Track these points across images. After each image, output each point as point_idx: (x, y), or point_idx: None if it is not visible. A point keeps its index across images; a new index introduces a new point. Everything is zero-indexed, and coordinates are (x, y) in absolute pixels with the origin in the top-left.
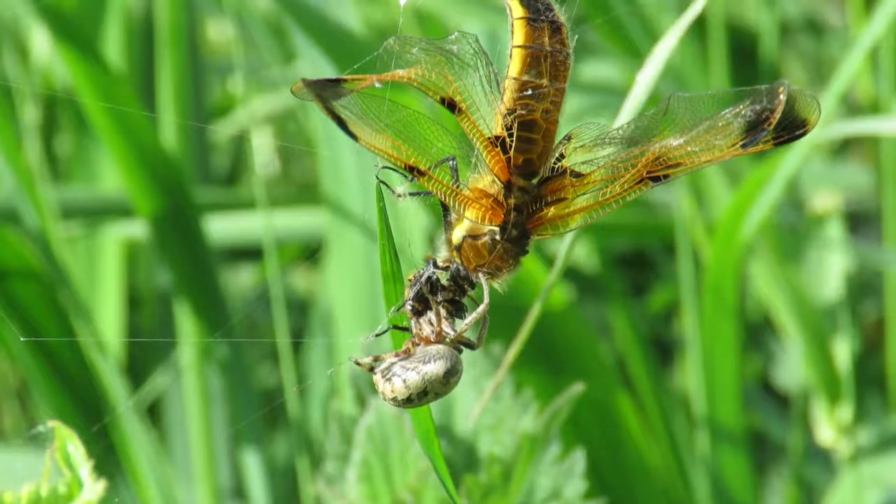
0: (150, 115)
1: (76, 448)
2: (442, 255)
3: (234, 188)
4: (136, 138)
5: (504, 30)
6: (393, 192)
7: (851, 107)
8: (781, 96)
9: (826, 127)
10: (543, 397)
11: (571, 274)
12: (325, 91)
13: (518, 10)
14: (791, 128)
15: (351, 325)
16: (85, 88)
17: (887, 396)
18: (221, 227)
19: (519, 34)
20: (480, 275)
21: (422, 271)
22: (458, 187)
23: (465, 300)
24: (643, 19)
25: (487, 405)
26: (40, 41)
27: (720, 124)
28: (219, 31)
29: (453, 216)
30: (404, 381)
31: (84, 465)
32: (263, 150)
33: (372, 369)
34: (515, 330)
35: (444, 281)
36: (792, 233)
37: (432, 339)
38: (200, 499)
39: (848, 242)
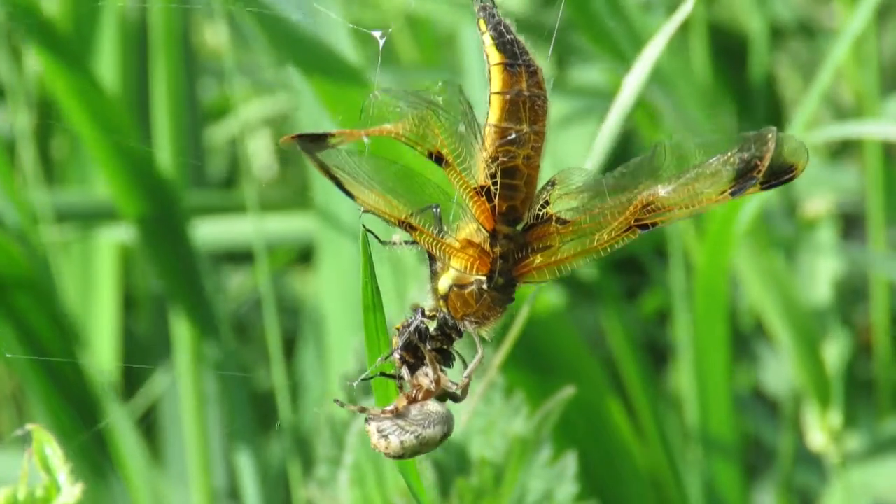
0: (141, 117)
1: (54, 451)
2: (429, 304)
3: (230, 191)
4: (124, 148)
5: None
6: (381, 241)
7: (841, 109)
8: (770, 144)
9: (814, 129)
10: (533, 401)
11: (565, 279)
12: (314, 147)
13: (495, 57)
14: (779, 173)
15: (341, 330)
16: (70, 101)
17: (878, 401)
18: (216, 232)
19: (497, 80)
20: (468, 324)
21: (410, 320)
22: (443, 237)
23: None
24: (629, 23)
25: (478, 408)
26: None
27: (708, 172)
28: (214, 35)
29: (439, 265)
30: (402, 442)
31: (62, 469)
32: (261, 154)
33: (362, 410)
34: (503, 334)
35: (431, 330)
36: (783, 238)
37: (432, 390)
38: (195, 501)
39: (839, 247)
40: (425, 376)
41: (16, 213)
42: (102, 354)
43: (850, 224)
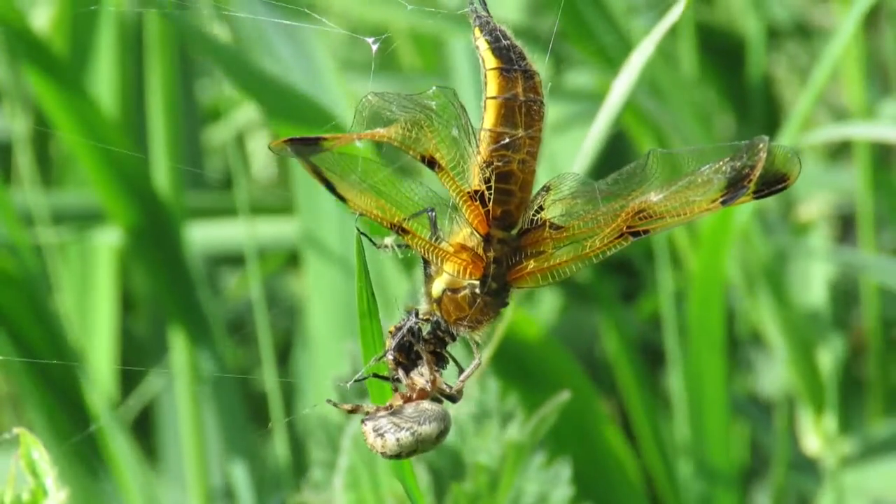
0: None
1: (41, 455)
2: (422, 308)
3: (227, 193)
4: (116, 162)
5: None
6: (374, 243)
7: (843, 112)
8: (762, 153)
9: (808, 131)
10: (526, 408)
11: (561, 281)
12: (305, 151)
13: (491, 61)
14: (771, 183)
15: (328, 334)
16: (61, 116)
17: (870, 404)
18: (212, 234)
19: (493, 85)
20: (461, 328)
21: (403, 322)
22: (437, 241)
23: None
24: (619, 30)
25: (473, 413)
26: None
27: (700, 180)
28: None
29: (433, 269)
30: (398, 439)
31: (49, 473)
32: (259, 155)
33: (352, 411)
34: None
35: (424, 334)
36: (778, 241)
37: (428, 390)
38: (191, 502)
39: (833, 250)
40: (420, 376)
41: (6, 218)
42: (100, 355)
43: (848, 226)
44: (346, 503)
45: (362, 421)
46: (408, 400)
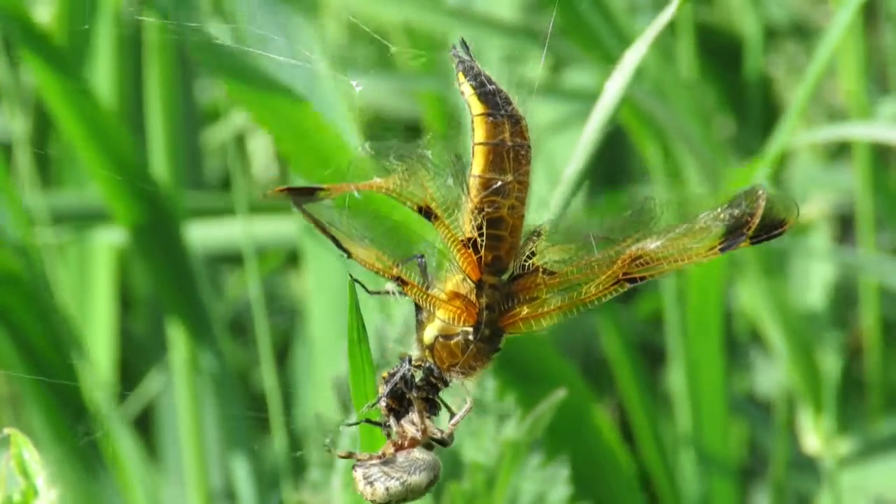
0: (135, 116)
1: (32, 455)
2: (415, 353)
3: (226, 193)
4: (115, 152)
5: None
6: (367, 290)
7: (840, 112)
8: (761, 201)
9: (805, 131)
10: (523, 407)
11: None
12: (303, 200)
13: (478, 107)
14: (768, 228)
15: (327, 336)
16: (63, 111)
17: (870, 403)
18: (212, 233)
19: (480, 131)
20: (454, 375)
21: (396, 369)
22: (427, 287)
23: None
24: (617, 28)
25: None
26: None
27: (697, 227)
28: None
29: (425, 315)
30: (387, 488)
31: (40, 473)
32: (259, 155)
33: (346, 457)
34: None
35: (417, 380)
36: (777, 241)
37: (418, 439)
38: (192, 501)
39: (833, 250)
40: (412, 424)
41: (11, 215)
42: (99, 355)
43: (848, 226)
44: (344, 503)
45: (353, 467)
46: (399, 448)
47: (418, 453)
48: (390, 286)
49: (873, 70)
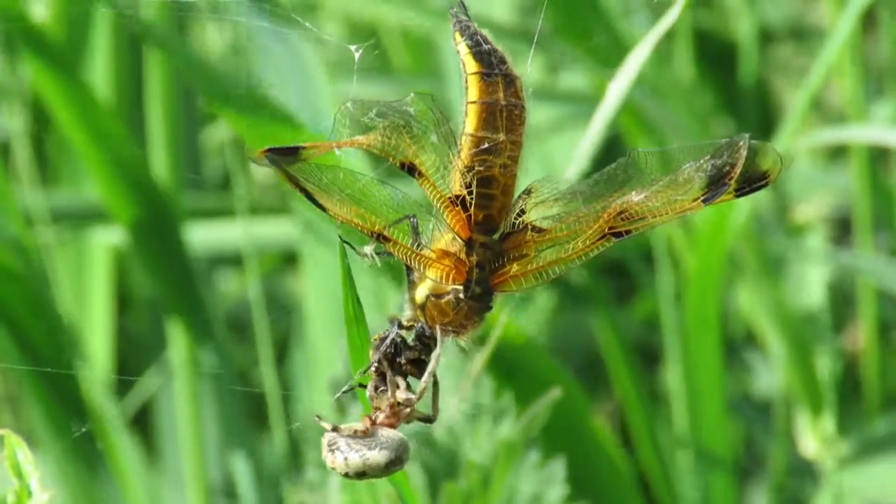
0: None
1: (26, 456)
2: (406, 314)
3: (224, 194)
4: (115, 151)
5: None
6: (358, 252)
7: (837, 114)
8: (742, 150)
9: (802, 134)
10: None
11: (555, 282)
12: (283, 159)
13: (472, 66)
14: (752, 180)
15: (326, 335)
16: (61, 108)
17: (866, 405)
18: (210, 235)
19: (473, 89)
20: (446, 334)
21: (386, 333)
22: (419, 248)
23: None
24: (613, 29)
25: (466, 411)
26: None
27: (681, 179)
28: (209, 39)
29: (416, 275)
30: (345, 458)
31: (33, 474)
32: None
33: (333, 430)
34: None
35: (409, 341)
36: (774, 243)
37: (387, 414)
38: (190, 501)
39: (829, 252)
40: (392, 397)
41: (8, 214)
42: (97, 356)
43: (845, 228)
44: (341, 503)
45: (324, 433)
46: (374, 423)
47: (389, 432)
48: (368, 249)
49: (870, 72)
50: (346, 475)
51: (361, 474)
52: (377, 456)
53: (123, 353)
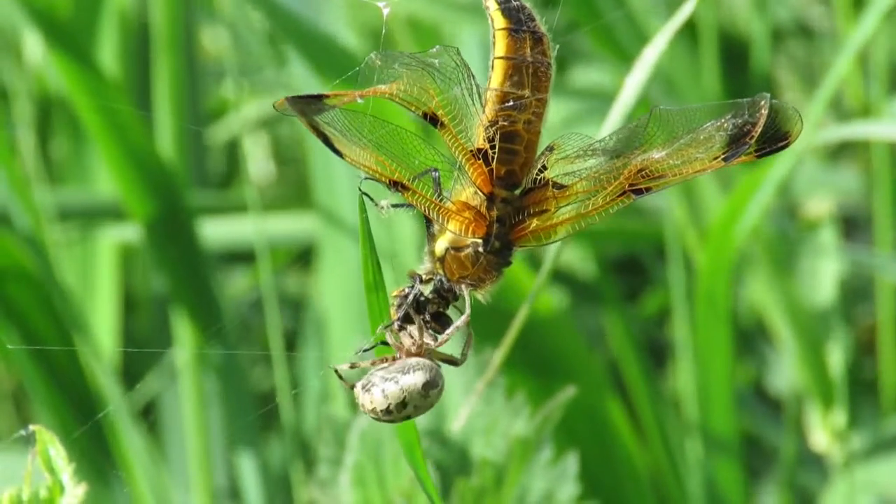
0: (144, 114)
1: (58, 451)
2: (425, 266)
3: (229, 191)
4: (130, 143)
5: None
6: (376, 204)
7: (842, 111)
8: (763, 110)
9: (817, 131)
10: (535, 402)
11: (565, 279)
12: (307, 107)
13: (500, 21)
14: (773, 140)
15: (343, 331)
16: (78, 93)
17: (881, 401)
18: (216, 231)
19: (501, 45)
20: (463, 286)
21: (406, 289)
22: (440, 200)
23: (449, 311)
24: (633, 23)
25: (479, 408)
26: (33, 42)
27: (702, 137)
28: (213, 39)
29: (436, 228)
30: (383, 391)
31: (66, 469)
32: (257, 154)
33: (352, 367)
34: (504, 335)
35: (427, 293)
36: (785, 239)
37: (413, 353)
38: (196, 500)
39: (841, 247)
40: (411, 337)
41: (22, 211)
42: (103, 355)
43: (851, 226)
44: (352, 500)
45: (352, 386)
46: (398, 358)
47: (417, 358)
48: (385, 202)
49: (874, 68)
50: (388, 411)
51: (402, 406)
52: (412, 378)
53: (128, 353)
